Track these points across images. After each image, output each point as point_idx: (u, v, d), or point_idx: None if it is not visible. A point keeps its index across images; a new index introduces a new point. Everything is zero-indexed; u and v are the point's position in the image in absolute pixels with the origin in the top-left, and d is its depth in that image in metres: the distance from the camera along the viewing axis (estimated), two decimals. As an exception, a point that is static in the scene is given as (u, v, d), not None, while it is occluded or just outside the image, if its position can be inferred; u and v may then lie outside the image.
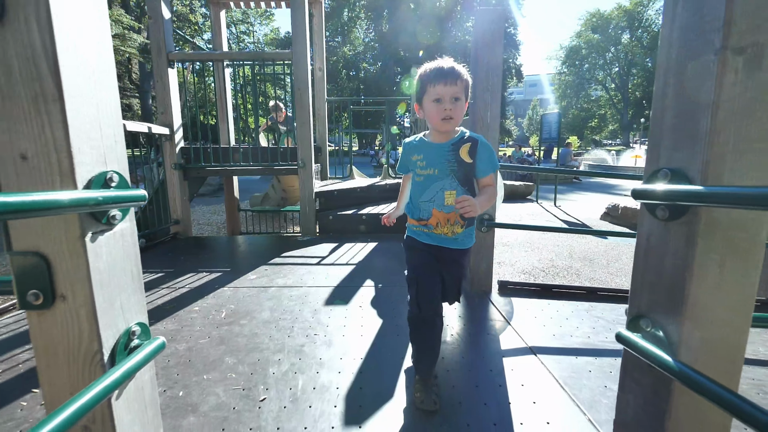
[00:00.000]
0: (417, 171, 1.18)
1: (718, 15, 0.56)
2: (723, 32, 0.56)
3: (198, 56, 3.68)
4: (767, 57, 0.56)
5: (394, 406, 1.11)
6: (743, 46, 0.56)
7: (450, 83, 1.07)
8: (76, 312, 0.64)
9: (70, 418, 0.50)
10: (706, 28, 0.59)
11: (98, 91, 0.66)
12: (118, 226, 0.70)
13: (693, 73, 0.61)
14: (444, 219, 1.15)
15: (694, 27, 0.61)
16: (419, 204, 1.18)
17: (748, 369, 1.33)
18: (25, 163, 0.61)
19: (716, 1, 0.57)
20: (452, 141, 1.15)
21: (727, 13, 0.56)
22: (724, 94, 0.57)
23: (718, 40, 0.57)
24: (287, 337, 1.51)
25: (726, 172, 0.59)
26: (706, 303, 0.63)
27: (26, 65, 0.58)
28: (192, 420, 1.05)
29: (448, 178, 1.13)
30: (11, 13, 0.57)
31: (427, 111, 1.13)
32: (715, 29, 0.57)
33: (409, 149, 1.23)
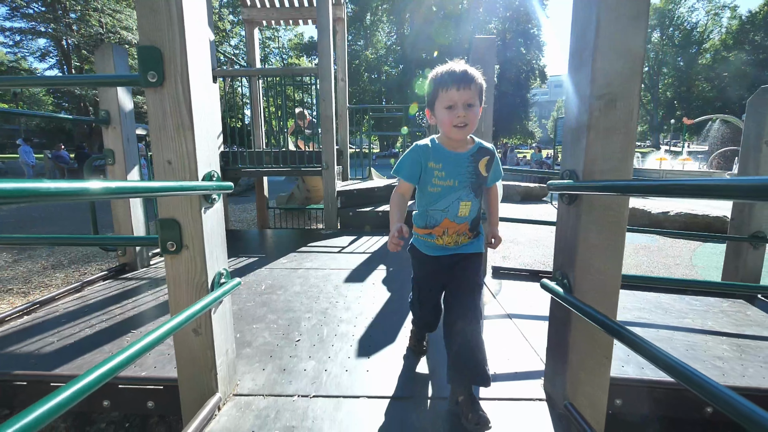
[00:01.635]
0: (433, 181, 1.11)
1: (588, 77, 0.90)
2: (591, 87, 0.90)
3: (237, 72, 4.20)
4: (618, 103, 0.89)
5: (395, 348, 1.48)
6: (602, 95, 0.89)
7: (463, 88, 1.01)
8: (194, 257, 1.06)
9: (188, 318, 0.90)
10: (584, 83, 0.93)
11: (208, 123, 1.07)
12: (216, 204, 1.11)
13: (578, 109, 0.95)
14: (453, 229, 1.13)
15: (581, 82, 0.95)
16: (429, 211, 1.14)
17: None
18: (170, 166, 1.02)
19: (588, 69, 0.91)
20: (471, 152, 1.12)
21: (593, 75, 0.89)
22: (593, 124, 0.91)
23: (589, 90, 0.90)
24: (314, 303, 1.91)
25: (596, 173, 0.93)
26: (589, 259, 0.96)
27: (174, 108, 1.00)
28: (248, 350, 1.46)
29: (465, 190, 1.11)
30: (167, 79, 0.99)
31: (439, 117, 1.08)
32: (587, 84, 0.91)
33: (423, 154, 1.11)
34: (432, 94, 1.08)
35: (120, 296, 2.08)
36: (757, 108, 2.02)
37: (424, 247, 1.20)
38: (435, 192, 1.12)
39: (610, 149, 0.91)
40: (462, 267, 1.16)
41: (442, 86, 1.04)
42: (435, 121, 1.11)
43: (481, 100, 1.08)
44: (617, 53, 0.87)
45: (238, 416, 1.08)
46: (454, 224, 1.12)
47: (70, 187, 0.58)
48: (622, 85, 0.88)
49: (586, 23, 0.91)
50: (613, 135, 0.90)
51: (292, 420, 1.07)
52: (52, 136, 20.71)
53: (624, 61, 0.87)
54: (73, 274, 3.68)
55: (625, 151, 0.90)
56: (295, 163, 3.99)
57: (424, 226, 1.16)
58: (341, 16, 4.84)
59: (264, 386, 1.22)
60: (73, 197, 0.58)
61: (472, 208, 1.13)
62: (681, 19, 35.52)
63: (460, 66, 1.04)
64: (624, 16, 0.85)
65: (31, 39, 16.79)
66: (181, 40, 0.95)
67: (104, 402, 1.24)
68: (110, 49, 2.35)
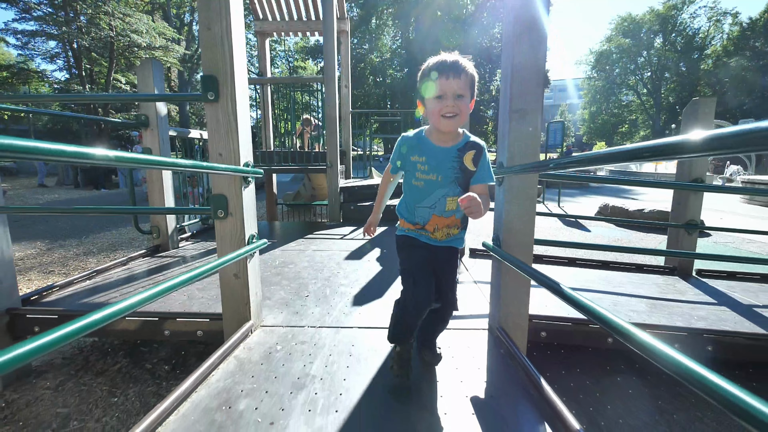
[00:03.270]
0: (417, 175, 1.10)
1: (507, 94, 1.33)
2: (509, 102, 1.33)
3: (251, 81, 4.66)
4: (527, 114, 1.31)
5: (380, 300, 1.90)
6: (515, 109, 1.32)
7: (453, 77, 0.99)
8: (236, 221, 1.49)
9: (232, 259, 1.33)
10: (506, 98, 1.35)
11: (247, 128, 1.51)
12: (251, 185, 1.54)
13: (503, 120, 1.38)
14: (443, 224, 1.12)
15: (504, 97, 1.37)
16: (416, 209, 1.13)
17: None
18: (221, 157, 1.46)
19: (507, 88, 1.34)
20: (458, 146, 1.09)
21: (510, 90, 1.32)
22: (511, 131, 1.33)
23: (508, 105, 1.33)
24: (319, 273, 2.34)
25: (515, 161, 1.35)
26: (511, 220, 1.38)
27: (225, 118, 1.43)
28: (269, 302, 1.89)
29: (452, 185, 1.09)
30: (221, 98, 1.43)
31: (428, 108, 1.05)
32: (506, 99, 1.34)
33: (407, 146, 1.12)
34: (422, 83, 1.07)
35: (159, 268, 2.53)
36: (688, 117, 2.42)
37: (422, 237, 1.17)
38: (419, 187, 1.10)
39: (523, 146, 1.33)
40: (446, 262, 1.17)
41: (432, 76, 1.02)
42: (426, 112, 1.08)
43: (473, 93, 1.05)
44: (525, 81, 1.30)
45: (265, 336, 1.51)
46: (443, 218, 1.12)
47: (166, 160, 1.02)
48: (530, 103, 1.31)
49: (507, 59, 1.34)
50: (525, 137, 1.32)
51: (304, 339, 1.49)
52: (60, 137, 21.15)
53: (530, 86, 1.30)
54: (104, 259, 4.14)
55: (533, 148, 1.33)
56: (302, 161, 4.44)
57: (415, 223, 1.15)
58: (345, 28, 5.30)
59: (282, 321, 1.65)
60: (168, 167, 1.02)
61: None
62: (683, 25, 35.77)
63: (452, 56, 1.03)
64: (528, 67, 1.27)
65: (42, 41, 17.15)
66: (231, 71, 1.39)
67: (165, 331, 1.68)
68: (150, 64, 2.81)
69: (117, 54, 17.59)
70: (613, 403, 1.62)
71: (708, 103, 2.33)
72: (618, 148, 0.67)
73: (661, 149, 0.54)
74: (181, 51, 20.55)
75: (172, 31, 19.70)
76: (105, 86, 17.63)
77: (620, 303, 1.92)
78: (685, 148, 0.48)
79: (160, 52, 18.46)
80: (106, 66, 17.75)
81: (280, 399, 1.07)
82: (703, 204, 2.48)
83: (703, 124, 2.31)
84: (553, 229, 5.09)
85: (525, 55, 1.27)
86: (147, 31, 17.39)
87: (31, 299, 1.94)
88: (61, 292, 2.10)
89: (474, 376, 1.20)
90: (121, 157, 0.83)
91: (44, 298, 2.01)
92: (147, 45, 17.58)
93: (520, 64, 1.29)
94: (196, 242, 3.33)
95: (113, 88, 17.79)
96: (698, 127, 2.32)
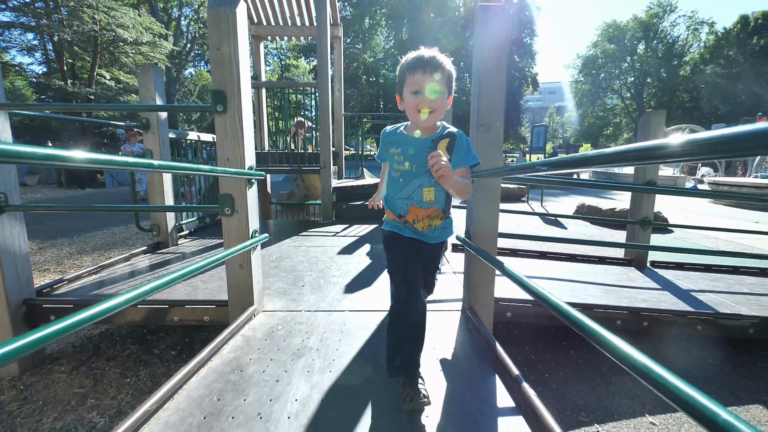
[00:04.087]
0: (394, 166, 1.14)
1: (475, 110, 1.57)
2: (477, 117, 1.57)
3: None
4: (492, 128, 1.56)
5: (371, 289, 2.12)
6: (482, 123, 1.56)
7: (429, 72, 1.00)
8: (241, 218, 1.69)
9: (237, 250, 1.54)
10: (475, 114, 1.59)
11: (250, 135, 1.71)
12: (254, 186, 1.75)
13: (472, 131, 1.62)
14: (423, 215, 1.13)
15: (473, 112, 1.61)
16: (396, 200, 1.15)
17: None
18: (227, 161, 1.66)
19: (475, 105, 1.58)
20: (432, 137, 1.10)
21: (478, 108, 1.56)
22: (479, 140, 1.57)
23: (476, 119, 1.57)
24: (314, 266, 2.55)
25: (482, 166, 1.59)
26: (479, 216, 1.62)
27: (232, 127, 1.63)
28: (268, 291, 2.09)
29: (426, 175, 1.09)
30: (228, 110, 1.63)
31: (406, 102, 1.06)
32: (475, 114, 1.58)
33: (387, 140, 1.18)
34: (400, 78, 1.07)
35: (161, 263, 2.70)
36: (643, 126, 2.72)
37: (398, 230, 1.18)
38: (396, 178, 1.13)
39: (489, 153, 1.57)
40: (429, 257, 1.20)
41: (409, 70, 1.03)
42: (403, 106, 1.09)
43: (450, 88, 1.07)
44: (490, 101, 1.54)
45: (267, 319, 1.72)
46: (422, 209, 1.12)
47: (190, 165, 1.23)
48: (494, 119, 1.55)
49: (476, 82, 1.58)
50: (490, 146, 1.57)
51: (301, 321, 1.71)
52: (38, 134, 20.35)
53: (495, 104, 1.54)
54: (98, 258, 4.24)
55: (497, 154, 1.57)
56: (296, 162, 4.63)
57: (397, 215, 1.17)
58: (338, 34, 5.51)
59: (282, 307, 1.86)
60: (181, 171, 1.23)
61: (437, 193, 1.12)
62: (664, 32, 37.09)
63: (429, 52, 1.03)
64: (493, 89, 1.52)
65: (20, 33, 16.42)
66: (238, 87, 1.59)
67: (174, 317, 1.87)
68: (151, 70, 2.97)
69: (101, 48, 17.12)
70: (561, 365, 1.89)
71: (658, 115, 2.63)
72: (564, 158, 0.81)
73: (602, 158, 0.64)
74: (169, 47, 20.13)
75: (159, 26, 19.18)
76: (88, 81, 17.17)
77: (578, 289, 2.19)
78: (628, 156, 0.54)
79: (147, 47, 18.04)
80: (89, 61, 17.28)
81: (283, 364, 1.28)
82: (670, 203, 2.78)
83: (655, 133, 2.60)
84: (533, 227, 5.39)
85: (491, 79, 1.52)
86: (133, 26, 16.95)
87: (43, 291, 2.10)
88: (71, 285, 2.26)
89: (445, 345, 1.43)
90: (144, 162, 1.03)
91: (55, 290, 2.17)
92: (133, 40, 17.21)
93: (486, 87, 1.53)
94: (195, 239, 3.49)
95: (97, 84, 17.40)
96: (651, 136, 2.62)
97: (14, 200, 1.78)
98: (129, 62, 18.81)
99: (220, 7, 1.52)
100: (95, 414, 1.63)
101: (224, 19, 1.52)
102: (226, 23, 1.52)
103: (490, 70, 1.52)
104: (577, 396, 1.72)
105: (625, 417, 1.60)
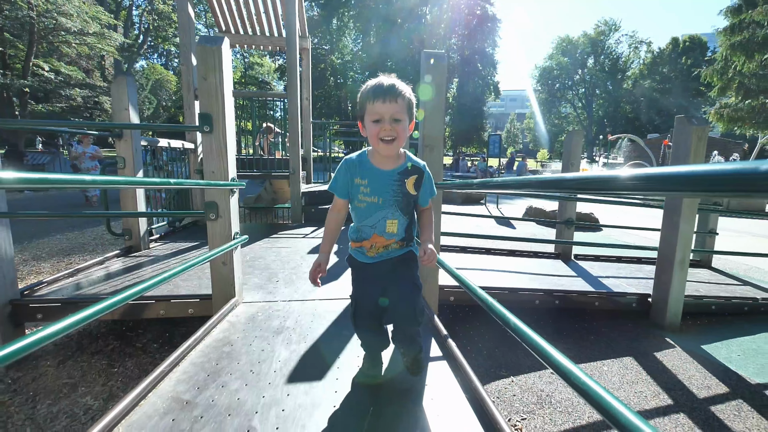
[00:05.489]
0: (359, 197, 1.12)
1: (422, 134, 1.97)
2: (423, 140, 1.96)
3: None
4: (435, 149, 1.96)
5: (338, 282, 2.45)
6: (427, 144, 1.96)
7: (389, 101, 1.01)
8: (224, 222, 1.96)
9: (221, 251, 1.82)
10: (422, 136, 1.99)
11: (232, 151, 1.99)
12: (235, 195, 2.03)
13: (420, 151, 2.01)
14: (383, 244, 1.16)
15: (420, 135, 2.00)
16: (360, 227, 1.16)
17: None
18: (213, 174, 1.93)
19: (422, 130, 1.97)
20: (398, 169, 1.12)
21: (423, 132, 1.96)
22: (425, 158, 1.97)
23: (422, 141, 1.97)
24: (286, 264, 2.84)
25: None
26: (426, 220, 2.02)
27: (217, 145, 1.90)
28: (246, 286, 2.35)
29: (391, 208, 1.12)
30: (214, 130, 1.89)
31: (367, 130, 1.08)
32: (422, 138, 1.97)
33: (351, 169, 1.13)
34: (361, 107, 1.09)
35: (135, 266, 2.85)
36: (566, 144, 3.28)
37: (358, 255, 1.21)
38: (361, 208, 1.13)
39: (433, 169, 1.97)
40: (400, 272, 1.19)
41: (369, 99, 1.04)
42: (365, 134, 1.10)
43: (411, 116, 1.08)
44: (433, 126, 1.94)
45: (248, 308, 2.00)
46: (383, 239, 1.15)
47: (177, 180, 1.50)
48: (436, 141, 1.96)
49: (422, 108, 1.97)
50: (434, 163, 1.96)
51: (278, 309, 2.00)
52: None
53: (436, 129, 1.95)
54: (57, 264, 4.18)
55: (439, 170, 1.98)
56: (266, 168, 4.84)
57: (356, 239, 1.18)
58: (306, 46, 5.77)
59: (260, 299, 2.14)
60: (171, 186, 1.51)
61: (400, 225, 1.15)
62: (610, 49, 40.81)
63: (389, 80, 1.05)
64: (435, 116, 1.92)
65: None
66: (222, 111, 1.87)
67: (161, 311, 2.09)
68: (124, 81, 3.10)
69: (38, 36, 15.69)
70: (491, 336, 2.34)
71: (577, 135, 3.21)
72: (489, 180, 1.26)
73: (516, 184, 1.14)
74: (120, 39, 18.92)
75: (108, 16, 18.06)
76: (22, 72, 15.56)
77: (511, 277, 2.67)
78: (532, 184, 1.06)
79: (94, 38, 16.84)
80: (24, 50, 15.59)
81: (266, 339, 1.59)
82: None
83: (575, 151, 3.17)
84: (489, 228, 5.97)
85: (433, 111, 1.92)
86: (77, 14, 15.73)
87: (25, 293, 2.22)
88: (50, 287, 2.38)
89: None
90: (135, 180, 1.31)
91: (35, 292, 2.29)
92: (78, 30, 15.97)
93: (429, 117, 1.93)
94: (165, 243, 3.62)
95: (33, 75, 15.86)
96: (572, 152, 3.19)
97: (2, 207, 1.92)
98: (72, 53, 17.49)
99: (206, 44, 1.80)
100: (89, 398, 1.83)
101: (210, 55, 1.80)
102: (212, 58, 1.80)
103: (433, 105, 1.92)
104: (500, 357, 2.18)
105: (533, 370, 2.07)
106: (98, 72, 22.68)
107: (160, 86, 28.01)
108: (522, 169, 13.45)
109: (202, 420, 1.05)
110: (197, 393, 1.18)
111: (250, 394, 1.18)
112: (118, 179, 1.07)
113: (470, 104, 31.74)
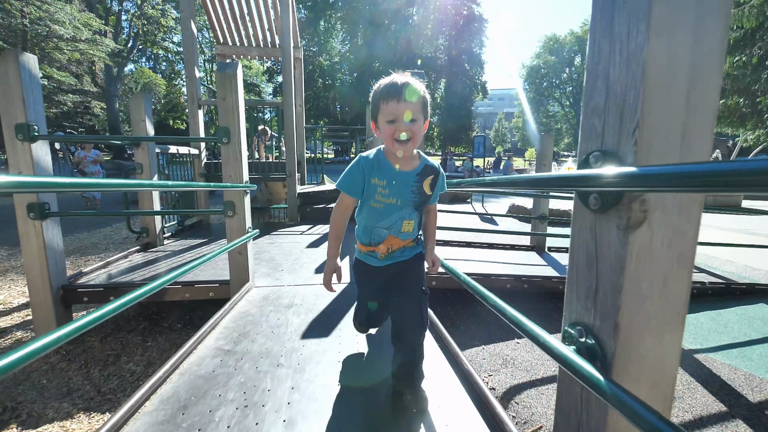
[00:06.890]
0: (376, 197, 1.10)
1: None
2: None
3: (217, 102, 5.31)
4: (414, 155, 2.37)
5: (335, 271, 2.86)
6: (408, 152, 2.37)
7: (404, 100, 0.98)
8: (240, 218, 2.35)
9: (237, 242, 2.21)
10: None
11: (245, 158, 2.38)
12: (248, 195, 2.42)
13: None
14: (398, 244, 1.15)
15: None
16: (373, 228, 1.14)
17: (488, 264, 3.20)
18: (230, 177, 2.31)
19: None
20: (417, 171, 1.11)
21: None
22: (406, 163, 2.38)
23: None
24: (289, 256, 3.23)
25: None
26: (408, 215, 2.44)
27: (234, 153, 2.28)
28: (255, 275, 2.75)
29: (408, 208, 1.11)
30: (231, 141, 2.27)
31: (382, 131, 1.05)
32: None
33: (367, 168, 1.10)
34: (374, 107, 1.06)
35: (155, 259, 3.21)
36: (540, 145, 3.73)
37: (369, 259, 1.19)
38: (377, 209, 1.10)
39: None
40: (407, 277, 1.18)
41: (383, 99, 1.02)
42: (379, 134, 1.08)
43: (426, 114, 1.06)
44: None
45: (260, 291, 2.39)
46: (398, 240, 1.14)
47: (202, 183, 1.90)
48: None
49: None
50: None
51: (286, 291, 2.40)
52: None
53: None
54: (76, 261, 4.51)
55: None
56: (264, 171, 5.20)
57: (368, 243, 1.16)
58: (299, 56, 6.14)
59: (269, 284, 2.54)
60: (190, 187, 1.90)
61: (415, 224, 1.15)
62: (595, 47, 41.63)
63: (403, 78, 1.02)
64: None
65: None
66: (238, 125, 2.26)
67: (186, 294, 2.47)
68: (141, 97, 3.45)
69: (31, 44, 15.85)
70: (467, 313, 2.78)
71: (548, 138, 3.66)
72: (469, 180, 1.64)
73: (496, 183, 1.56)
74: (112, 45, 19.07)
75: (99, 23, 18.30)
76: None
77: (488, 266, 3.10)
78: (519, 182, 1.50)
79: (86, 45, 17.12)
80: None
81: (279, 311, 1.99)
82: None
83: (546, 152, 3.62)
84: (473, 224, 6.42)
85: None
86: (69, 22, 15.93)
87: (70, 280, 2.57)
88: (89, 276, 2.74)
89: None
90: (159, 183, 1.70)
91: (77, 280, 2.64)
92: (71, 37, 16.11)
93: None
94: (177, 240, 3.98)
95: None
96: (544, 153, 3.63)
97: (54, 208, 2.28)
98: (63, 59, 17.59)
99: (225, 70, 2.18)
100: (131, 365, 2.21)
101: (228, 80, 2.18)
102: (230, 82, 2.19)
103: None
104: (474, 331, 2.61)
105: (502, 340, 2.51)
106: (89, 77, 22.69)
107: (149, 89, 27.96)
108: (508, 168, 13.99)
109: (242, 360, 1.46)
110: (234, 345, 1.58)
111: (275, 345, 1.59)
112: (153, 183, 1.49)
113: (458, 104, 32.24)
